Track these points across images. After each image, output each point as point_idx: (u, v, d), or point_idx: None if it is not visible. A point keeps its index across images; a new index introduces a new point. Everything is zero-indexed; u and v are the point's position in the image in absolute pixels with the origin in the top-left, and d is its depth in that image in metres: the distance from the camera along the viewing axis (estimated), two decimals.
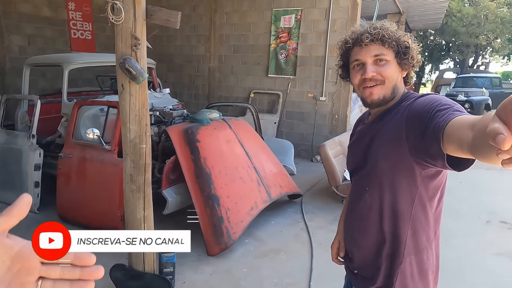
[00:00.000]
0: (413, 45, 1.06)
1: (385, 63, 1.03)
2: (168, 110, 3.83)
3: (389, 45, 1.03)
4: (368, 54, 1.04)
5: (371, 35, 1.02)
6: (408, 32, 1.10)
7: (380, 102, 1.05)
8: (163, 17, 1.91)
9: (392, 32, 1.04)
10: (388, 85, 1.05)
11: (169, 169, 3.12)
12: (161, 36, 7.19)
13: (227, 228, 2.87)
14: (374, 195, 1.07)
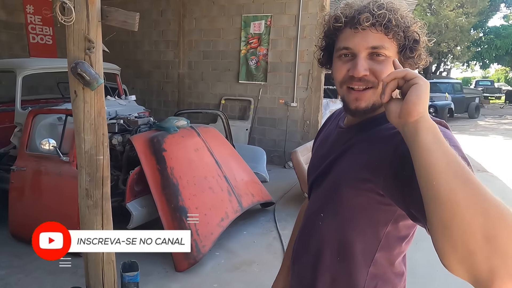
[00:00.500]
0: (423, 38, 0.79)
1: (383, 59, 0.75)
2: (133, 118, 3.65)
3: (394, 35, 0.75)
4: (363, 43, 0.75)
5: (374, 16, 0.73)
6: (418, 19, 0.80)
7: (367, 111, 0.79)
8: (120, 19, 1.78)
9: (402, 18, 0.75)
10: (380, 91, 0.76)
11: (133, 180, 2.94)
12: (127, 42, 6.96)
13: (196, 241, 2.72)
14: (329, 226, 0.82)
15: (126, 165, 3.23)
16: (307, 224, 0.90)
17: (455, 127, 11.60)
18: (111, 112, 3.77)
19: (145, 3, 6.78)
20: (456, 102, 12.93)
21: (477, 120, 13.66)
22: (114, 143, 3.36)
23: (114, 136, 3.38)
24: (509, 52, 22.27)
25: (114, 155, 3.45)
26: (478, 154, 7.19)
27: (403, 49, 0.77)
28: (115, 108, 3.89)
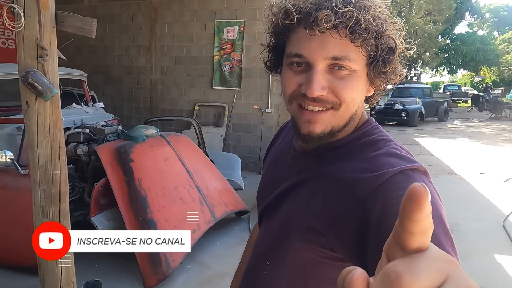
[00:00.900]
0: (402, 46, 0.62)
1: (347, 74, 0.59)
2: (100, 126, 3.50)
3: (363, 42, 0.57)
4: (321, 52, 0.57)
5: (337, 15, 0.55)
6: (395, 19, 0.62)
7: (323, 137, 0.63)
8: (76, 25, 1.67)
9: (375, 19, 0.57)
10: (344, 113, 0.61)
11: (99, 193, 2.80)
12: (96, 46, 6.73)
13: (166, 256, 2.61)
14: (275, 279, 0.69)
15: (92, 177, 3.08)
16: (253, 266, 0.77)
17: (426, 130, 11.98)
18: (76, 120, 3.60)
19: (115, 7, 6.59)
20: (426, 106, 13.38)
21: (446, 123, 14.17)
22: (79, 153, 3.20)
23: (79, 146, 3.22)
24: (474, 58, 23.38)
25: (80, 165, 3.29)
26: (447, 156, 7.44)
27: (374, 60, 0.59)
28: (81, 116, 3.72)
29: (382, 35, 0.58)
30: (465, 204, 4.46)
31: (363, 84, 0.61)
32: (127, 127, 5.27)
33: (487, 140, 9.82)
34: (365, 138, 0.64)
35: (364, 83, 0.62)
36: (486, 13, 32.16)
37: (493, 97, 16.20)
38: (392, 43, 0.60)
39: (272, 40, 0.68)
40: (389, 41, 0.59)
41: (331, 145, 0.65)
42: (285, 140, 0.81)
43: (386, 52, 0.59)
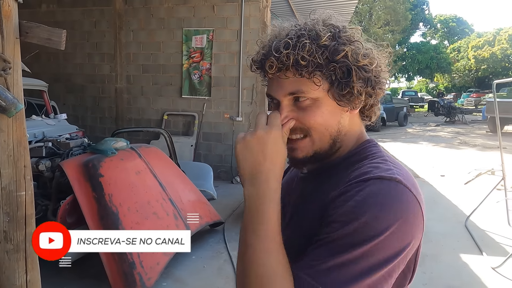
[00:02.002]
0: (365, 62, 0.63)
1: (309, 103, 0.64)
2: (64, 139, 3.31)
3: (310, 75, 0.61)
4: (280, 91, 0.65)
5: (278, 60, 0.62)
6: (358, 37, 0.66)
7: (308, 161, 0.68)
8: (42, 36, 1.57)
9: (317, 49, 0.61)
10: (320, 137, 0.66)
11: (65, 211, 2.63)
12: (56, 54, 6.39)
13: (140, 274, 2.50)
14: None
15: (56, 194, 2.90)
16: None
17: (388, 135, 12.52)
18: (37, 133, 3.39)
19: (76, 13, 6.32)
20: (387, 112, 14.01)
21: (406, 127, 14.91)
22: (42, 169, 3.00)
23: (41, 161, 3.02)
24: (429, 66, 24.89)
25: (42, 182, 3.09)
26: (410, 160, 7.80)
27: (334, 84, 0.63)
28: (42, 129, 3.51)
29: (331, 61, 0.62)
30: (429, 206, 4.69)
31: (330, 108, 0.65)
32: (91, 138, 5.04)
33: (444, 143, 10.43)
34: (356, 155, 0.67)
35: (332, 106, 0.65)
36: (438, 23, 34.44)
37: (447, 103, 17.27)
38: (348, 64, 0.62)
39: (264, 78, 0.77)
40: (342, 65, 0.62)
41: (328, 164, 0.69)
42: (295, 171, 0.84)
43: (341, 76, 0.62)
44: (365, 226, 0.53)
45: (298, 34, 0.63)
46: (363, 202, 0.55)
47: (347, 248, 0.53)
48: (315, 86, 0.63)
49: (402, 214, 0.55)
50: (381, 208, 0.54)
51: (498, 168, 5.66)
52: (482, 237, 3.72)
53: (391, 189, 0.57)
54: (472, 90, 28.84)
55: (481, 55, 28.13)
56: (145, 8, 6.02)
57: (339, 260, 0.53)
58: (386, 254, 0.54)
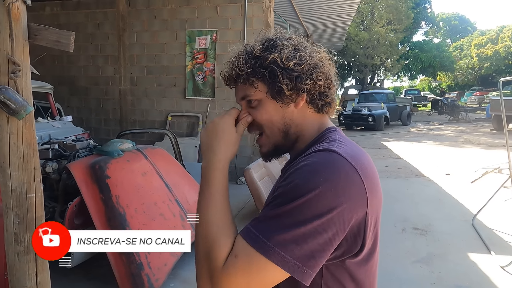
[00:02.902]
0: (289, 64, 0.73)
1: (257, 104, 0.78)
2: (70, 141, 3.32)
3: (246, 82, 0.76)
4: (236, 97, 0.82)
5: (226, 75, 0.80)
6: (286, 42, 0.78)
7: (272, 154, 0.82)
8: (51, 38, 1.57)
9: (252, 59, 0.75)
10: (270, 132, 0.78)
11: (73, 213, 2.64)
12: (60, 56, 6.43)
13: (148, 276, 2.50)
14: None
15: (63, 196, 2.90)
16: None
17: (392, 134, 12.47)
18: (43, 136, 3.40)
19: (79, 15, 6.35)
20: (390, 111, 13.97)
21: (410, 126, 14.85)
22: (48, 171, 3.01)
23: (48, 163, 3.03)
24: (432, 65, 24.77)
25: (49, 184, 3.10)
26: (414, 159, 7.76)
27: (268, 87, 0.76)
28: (49, 131, 3.53)
29: (261, 65, 0.74)
30: (435, 205, 4.67)
31: (272, 105, 0.77)
32: (96, 140, 5.05)
33: (449, 142, 10.38)
34: (316, 142, 0.77)
35: (273, 105, 0.77)
36: (440, 22, 34.30)
37: (451, 101, 17.19)
38: (272, 66, 0.74)
39: None
40: (269, 66, 0.74)
41: (296, 154, 0.79)
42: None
43: (270, 78, 0.74)
44: (295, 187, 0.64)
45: (238, 52, 0.79)
46: (299, 169, 0.66)
47: (280, 205, 0.64)
48: (254, 89, 0.76)
49: (330, 178, 0.63)
50: (311, 172, 0.64)
51: (504, 166, 5.63)
52: (489, 236, 3.70)
53: (324, 158, 0.67)
54: (475, 88, 28.71)
55: (484, 53, 28.00)
56: (148, 9, 6.03)
57: (273, 213, 0.64)
58: (312, 213, 0.62)
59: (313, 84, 0.75)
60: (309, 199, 0.62)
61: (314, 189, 0.62)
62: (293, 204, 0.62)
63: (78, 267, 2.67)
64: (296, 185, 0.64)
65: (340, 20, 9.11)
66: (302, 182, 0.63)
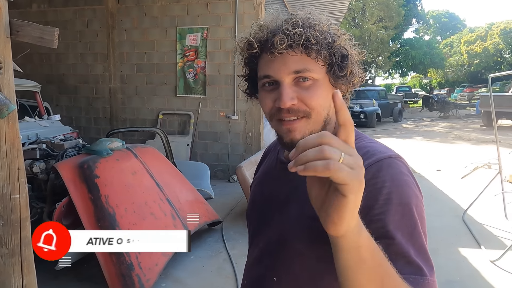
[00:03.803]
0: (353, 52, 0.70)
1: (311, 83, 0.67)
2: (58, 141, 3.26)
3: (317, 54, 0.66)
4: (284, 69, 0.66)
5: (289, 37, 0.64)
6: (344, 31, 0.72)
7: None
8: (34, 34, 1.53)
9: (323, 32, 0.67)
10: (316, 118, 0.68)
11: (61, 213, 2.59)
12: (48, 54, 6.31)
13: (139, 276, 2.47)
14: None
15: (51, 196, 2.85)
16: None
17: (384, 131, 12.56)
18: (30, 135, 3.34)
19: (67, 13, 6.23)
20: (382, 108, 14.05)
21: (401, 123, 14.96)
22: (36, 171, 2.95)
23: (35, 163, 2.97)
24: (422, 62, 24.99)
25: (37, 184, 3.04)
26: (406, 155, 7.78)
27: (332, 67, 0.68)
28: (36, 131, 3.46)
29: (333, 45, 0.68)
30: (427, 201, 4.65)
31: (327, 90, 0.69)
32: (86, 139, 4.98)
33: (439, 138, 10.48)
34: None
35: (328, 89, 0.69)
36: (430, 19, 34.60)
37: (441, 98, 17.37)
38: (344, 50, 0.68)
39: (246, 70, 0.79)
40: (340, 49, 0.68)
41: None
42: (271, 158, 0.87)
43: (340, 59, 0.68)
44: (406, 208, 0.60)
45: (303, 18, 0.68)
46: (395, 187, 0.61)
47: (411, 235, 0.59)
48: (319, 66, 0.67)
49: (416, 185, 0.65)
50: (408, 186, 0.62)
51: (494, 162, 5.69)
52: (480, 231, 3.74)
53: (401, 167, 0.64)
54: (465, 85, 29.06)
55: (474, 50, 28.34)
56: (138, 6, 5.95)
57: (416, 245, 0.59)
58: (424, 223, 0.62)
59: (358, 81, 0.72)
60: (420, 214, 0.62)
61: (416, 202, 0.62)
62: (417, 226, 0.60)
63: (67, 268, 2.63)
64: (406, 205, 0.60)
65: (332, 17, 9.13)
66: (407, 201, 0.61)
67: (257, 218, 0.79)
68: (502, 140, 7.42)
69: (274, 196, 0.75)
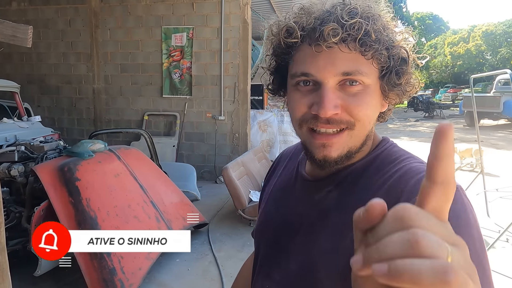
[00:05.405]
0: (414, 56, 0.57)
1: (360, 90, 0.54)
2: (37, 143, 3.17)
3: (375, 54, 0.53)
4: (330, 69, 0.53)
5: (344, 28, 0.51)
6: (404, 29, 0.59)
7: (340, 161, 0.57)
8: (6, 33, 1.47)
9: (386, 27, 0.54)
10: (360, 132, 0.56)
11: (40, 218, 2.51)
12: (29, 54, 6.14)
13: (122, 281, 2.41)
14: None
15: (30, 200, 2.77)
16: None
17: None
18: (9, 137, 3.23)
19: (48, 11, 6.08)
20: None
21: (387, 123, 15.15)
22: (14, 174, 2.87)
23: (14, 166, 2.89)
24: None
25: (15, 188, 2.95)
26: None
27: (387, 72, 0.54)
28: (15, 132, 3.35)
29: (393, 45, 0.54)
30: None
31: (377, 99, 0.56)
32: (69, 141, 4.87)
33: (424, 138, 10.65)
34: (381, 158, 0.60)
35: (378, 98, 0.57)
36: (415, 21, 35.22)
37: (426, 98, 17.67)
38: (403, 52, 0.55)
39: (273, 62, 0.62)
40: (400, 51, 0.55)
41: (348, 169, 0.60)
42: (288, 170, 0.73)
43: (398, 63, 0.55)
44: (473, 239, 0.50)
45: (362, 5, 0.53)
46: (458, 219, 0.48)
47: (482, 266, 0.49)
48: (373, 69, 0.54)
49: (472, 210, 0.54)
50: (469, 216, 0.51)
51: (476, 161, 5.80)
52: None
53: (462, 195, 0.52)
54: (449, 85, 29.65)
55: (457, 52, 28.97)
56: (122, 5, 5.85)
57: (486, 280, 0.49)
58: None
59: (409, 91, 0.59)
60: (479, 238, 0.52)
61: (477, 226, 0.53)
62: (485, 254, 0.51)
63: (47, 274, 2.55)
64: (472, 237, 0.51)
65: None
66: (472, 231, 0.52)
67: (271, 243, 0.67)
68: (484, 140, 7.59)
69: (294, 220, 0.63)
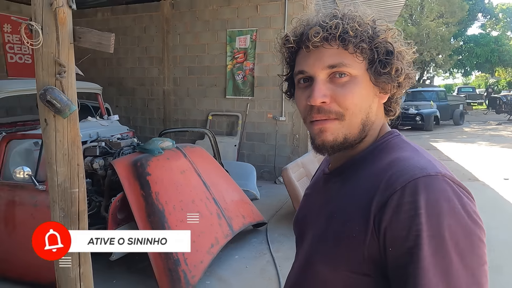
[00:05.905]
0: (402, 49, 0.63)
1: (348, 80, 0.61)
2: (115, 139, 3.48)
3: (356, 47, 0.60)
4: (318, 63, 0.61)
5: (325, 29, 0.60)
6: (392, 26, 0.66)
7: (338, 146, 0.63)
8: (93, 40, 1.64)
9: (363, 24, 0.61)
10: (351, 121, 0.62)
11: (116, 208, 2.76)
12: (110, 59, 6.80)
13: (185, 272, 2.55)
14: None
15: (108, 191, 3.05)
16: None
17: (442, 134, 11.71)
18: (92, 134, 3.60)
19: (127, 20, 6.67)
20: (441, 110, 13.10)
21: (463, 126, 13.83)
22: (96, 167, 3.18)
23: (95, 160, 3.20)
24: (489, 60, 22.93)
25: (96, 179, 3.27)
26: (467, 162, 7.21)
27: (373, 63, 0.61)
28: (97, 130, 3.72)
29: (375, 39, 0.61)
30: (491, 212, 4.27)
31: (367, 89, 0.63)
32: (141, 138, 5.27)
33: (508, 143, 9.52)
34: (380, 148, 0.65)
35: (368, 88, 0.63)
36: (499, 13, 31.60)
37: (511, 99, 15.76)
38: (389, 46, 0.62)
39: (287, 69, 0.74)
40: (385, 44, 0.62)
41: (352, 159, 0.67)
42: (320, 168, 0.83)
43: (383, 54, 0.62)
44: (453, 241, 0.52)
45: (343, 10, 0.63)
46: (434, 216, 0.51)
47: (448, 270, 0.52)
48: (358, 61, 0.61)
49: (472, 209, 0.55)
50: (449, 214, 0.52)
51: None
52: None
53: (443, 188, 0.53)
54: None
55: None
56: (191, 11, 6.18)
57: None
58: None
59: (406, 82, 0.65)
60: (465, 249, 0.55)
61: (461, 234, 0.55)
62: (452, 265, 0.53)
63: (121, 260, 2.79)
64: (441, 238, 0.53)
65: (386, 15, 8.72)
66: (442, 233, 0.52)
67: (296, 238, 0.77)
68: None
69: (312, 210, 0.72)
